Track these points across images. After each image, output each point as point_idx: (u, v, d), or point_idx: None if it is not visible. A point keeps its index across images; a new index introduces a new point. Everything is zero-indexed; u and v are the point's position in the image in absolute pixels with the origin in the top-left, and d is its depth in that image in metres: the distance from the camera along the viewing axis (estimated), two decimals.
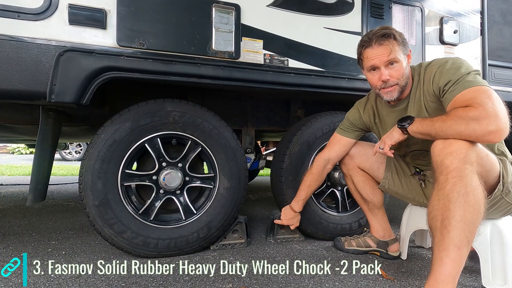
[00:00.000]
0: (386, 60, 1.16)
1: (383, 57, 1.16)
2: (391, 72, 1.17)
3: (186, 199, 1.54)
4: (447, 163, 0.95)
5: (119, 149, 1.39)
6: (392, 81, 1.17)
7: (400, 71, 1.17)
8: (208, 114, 1.55)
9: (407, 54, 1.20)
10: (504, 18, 2.15)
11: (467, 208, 0.91)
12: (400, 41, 1.17)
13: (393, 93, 1.20)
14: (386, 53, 1.15)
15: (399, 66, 1.16)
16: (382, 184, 1.46)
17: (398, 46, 1.16)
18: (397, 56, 1.15)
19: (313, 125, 1.77)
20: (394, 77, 1.17)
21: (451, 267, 0.90)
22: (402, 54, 1.17)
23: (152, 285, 1.20)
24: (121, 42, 1.31)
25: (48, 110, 1.39)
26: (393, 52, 1.15)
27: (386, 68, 1.17)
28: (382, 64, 1.17)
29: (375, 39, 1.16)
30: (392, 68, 1.17)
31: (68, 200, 2.92)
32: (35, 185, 1.34)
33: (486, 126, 0.91)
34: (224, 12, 1.45)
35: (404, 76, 1.18)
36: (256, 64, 1.52)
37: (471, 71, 1.05)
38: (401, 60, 1.16)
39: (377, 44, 1.16)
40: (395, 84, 1.18)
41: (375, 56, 1.17)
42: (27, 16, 1.19)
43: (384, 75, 1.17)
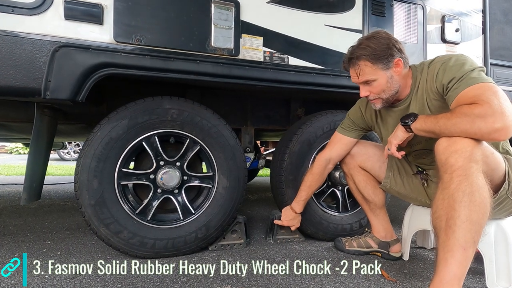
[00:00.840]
0: (357, 81, 1.21)
1: (355, 79, 1.22)
2: (370, 88, 1.21)
3: (184, 198, 1.51)
4: (452, 162, 0.92)
5: (115, 147, 1.36)
6: (372, 96, 1.22)
7: (378, 88, 1.19)
8: (207, 112, 1.52)
9: (390, 66, 1.16)
10: (506, 17, 2.13)
11: (472, 207, 0.88)
12: (371, 59, 1.14)
13: (377, 104, 1.25)
14: (356, 75, 1.20)
15: (376, 84, 1.19)
16: (384, 184, 1.43)
17: (371, 65, 1.16)
18: (368, 78, 1.18)
19: (314, 124, 1.75)
20: (373, 93, 1.21)
21: (457, 268, 0.88)
22: (379, 70, 1.16)
23: (148, 286, 1.17)
24: (118, 38, 1.28)
25: (43, 107, 1.36)
26: (362, 75, 1.19)
27: (363, 86, 1.21)
28: (358, 83, 1.22)
29: (346, 61, 1.22)
30: (370, 85, 1.20)
31: (65, 200, 2.89)
32: (30, 184, 1.31)
33: (492, 123, 0.89)
34: (224, 8, 1.43)
35: (386, 90, 1.19)
36: (256, 61, 1.50)
37: (475, 68, 1.03)
38: (376, 78, 1.17)
39: (349, 66, 1.22)
40: (377, 98, 1.22)
41: (351, 76, 1.23)
42: (22, 10, 1.16)
43: (361, 92, 1.23)
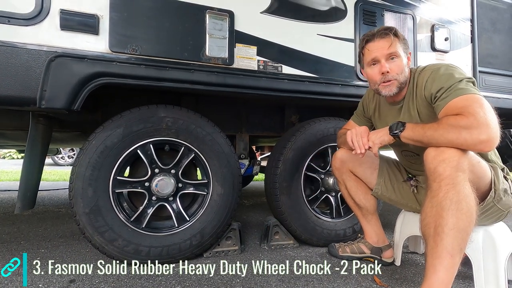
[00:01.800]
0: (387, 53, 1.19)
1: (384, 50, 1.19)
2: (391, 66, 1.19)
3: (179, 206, 1.52)
4: (440, 171, 0.95)
5: (110, 155, 1.37)
6: (391, 75, 1.19)
7: (400, 67, 1.20)
8: (202, 120, 1.54)
9: (407, 55, 1.23)
10: (494, 26, 2.19)
11: (459, 215, 0.91)
12: (401, 38, 1.21)
13: (392, 87, 1.20)
14: (387, 45, 1.19)
15: (399, 61, 1.19)
16: (375, 191, 1.46)
17: (399, 43, 1.20)
18: (397, 51, 1.19)
19: (307, 131, 1.77)
20: (393, 71, 1.19)
21: (444, 274, 0.91)
22: (402, 51, 1.21)
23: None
24: (113, 47, 1.30)
25: (38, 116, 1.36)
26: (394, 46, 1.18)
27: (386, 61, 1.20)
28: (383, 57, 1.19)
29: (378, 33, 1.21)
30: (392, 62, 1.19)
31: (59, 206, 2.87)
32: (24, 193, 1.31)
33: (477, 135, 0.92)
34: (218, 19, 1.45)
35: (404, 73, 1.20)
36: (250, 70, 1.52)
37: (463, 79, 1.06)
38: (402, 56, 1.20)
39: (379, 38, 1.20)
40: (394, 79, 1.20)
41: (377, 49, 1.20)
42: (18, 21, 1.18)
43: (384, 67, 1.19)
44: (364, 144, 1.18)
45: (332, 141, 1.79)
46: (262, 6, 1.55)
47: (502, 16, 2.22)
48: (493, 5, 2.20)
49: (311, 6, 1.65)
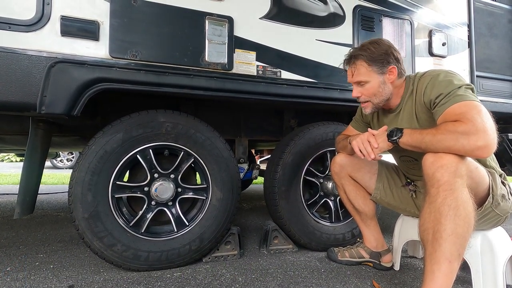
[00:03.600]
0: (351, 81, 1.27)
1: (350, 77, 1.28)
2: (361, 90, 1.26)
3: (178, 210, 1.52)
4: (438, 176, 0.96)
5: (110, 160, 1.37)
6: (362, 98, 1.27)
7: (370, 91, 1.24)
8: (201, 124, 1.55)
9: (385, 72, 1.22)
10: (491, 31, 2.21)
11: (458, 221, 0.92)
12: (369, 61, 1.21)
13: (367, 109, 1.30)
14: (351, 74, 1.26)
15: (368, 86, 1.23)
16: (374, 195, 1.46)
17: (367, 67, 1.21)
18: (361, 79, 1.23)
19: (306, 135, 1.78)
20: (364, 95, 1.26)
21: (443, 280, 0.91)
22: (373, 73, 1.22)
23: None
24: (113, 53, 1.30)
25: (38, 121, 1.37)
26: (356, 75, 1.24)
27: (356, 86, 1.27)
28: (352, 82, 1.28)
29: (346, 60, 1.28)
30: (362, 87, 1.25)
31: (58, 210, 2.86)
32: (23, 198, 1.32)
33: (475, 141, 0.93)
34: (217, 24, 1.47)
35: (377, 94, 1.24)
36: (249, 75, 1.53)
37: (462, 85, 1.07)
38: (370, 80, 1.22)
39: (347, 65, 1.28)
40: (367, 101, 1.27)
41: (348, 75, 1.30)
42: (19, 27, 1.18)
43: (353, 92, 1.28)
44: (371, 152, 1.17)
45: (331, 145, 1.79)
46: (261, 12, 1.57)
47: (499, 21, 2.24)
48: (490, 10, 2.23)
49: (310, 12, 1.66)
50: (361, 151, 1.19)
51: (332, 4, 1.72)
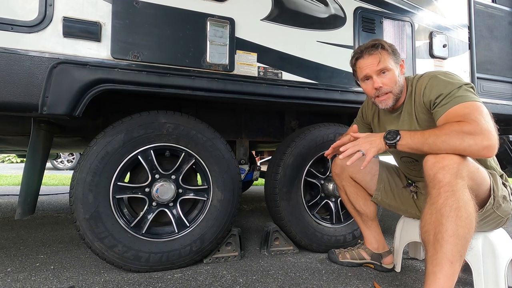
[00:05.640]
0: (377, 69, 1.20)
1: (373, 66, 1.21)
2: (383, 80, 1.21)
3: (179, 211, 1.52)
4: (440, 178, 0.96)
5: (111, 161, 1.38)
6: (385, 89, 1.21)
7: (392, 79, 1.21)
8: (202, 126, 1.55)
9: (399, 64, 1.24)
10: (491, 33, 2.22)
11: (459, 222, 0.92)
12: (390, 51, 1.22)
13: (388, 101, 1.23)
14: (375, 62, 1.20)
15: (390, 74, 1.20)
16: (375, 197, 1.46)
17: (388, 56, 1.21)
18: (387, 65, 1.20)
19: (307, 136, 1.78)
20: (386, 85, 1.21)
21: (444, 281, 0.91)
22: (393, 63, 1.21)
23: None
24: (115, 54, 1.31)
25: (39, 122, 1.37)
26: (383, 61, 1.20)
27: (378, 76, 1.21)
28: (374, 73, 1.21)
29: (366, 50, 1.22)
30: (384, 76, 1.21)
31: (58, 211, 2.86)
32: (24, 198, 1.32)
33: (481, 141, 0.93)
34: (219, 26, 1.47)
35: (397, 84, 1.22)
36: (250, 76, 1.54)
37: (462, 85, 1.07)
38: (392, 69, 1.21)
39: (367, 55, 1.22)
40: (389, 92, 1.21)
41: (367, 66, 1.22)
42: (21, 28, 1.19)
43: (376, 82, 1.21)
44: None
45: None
46: (262, 14, 1.57)
47: (499, 23, 2.25)
48: (491, 12, 2.23)
49: (311, 14, 1.67)
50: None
51: (333, 6, 1.73)
